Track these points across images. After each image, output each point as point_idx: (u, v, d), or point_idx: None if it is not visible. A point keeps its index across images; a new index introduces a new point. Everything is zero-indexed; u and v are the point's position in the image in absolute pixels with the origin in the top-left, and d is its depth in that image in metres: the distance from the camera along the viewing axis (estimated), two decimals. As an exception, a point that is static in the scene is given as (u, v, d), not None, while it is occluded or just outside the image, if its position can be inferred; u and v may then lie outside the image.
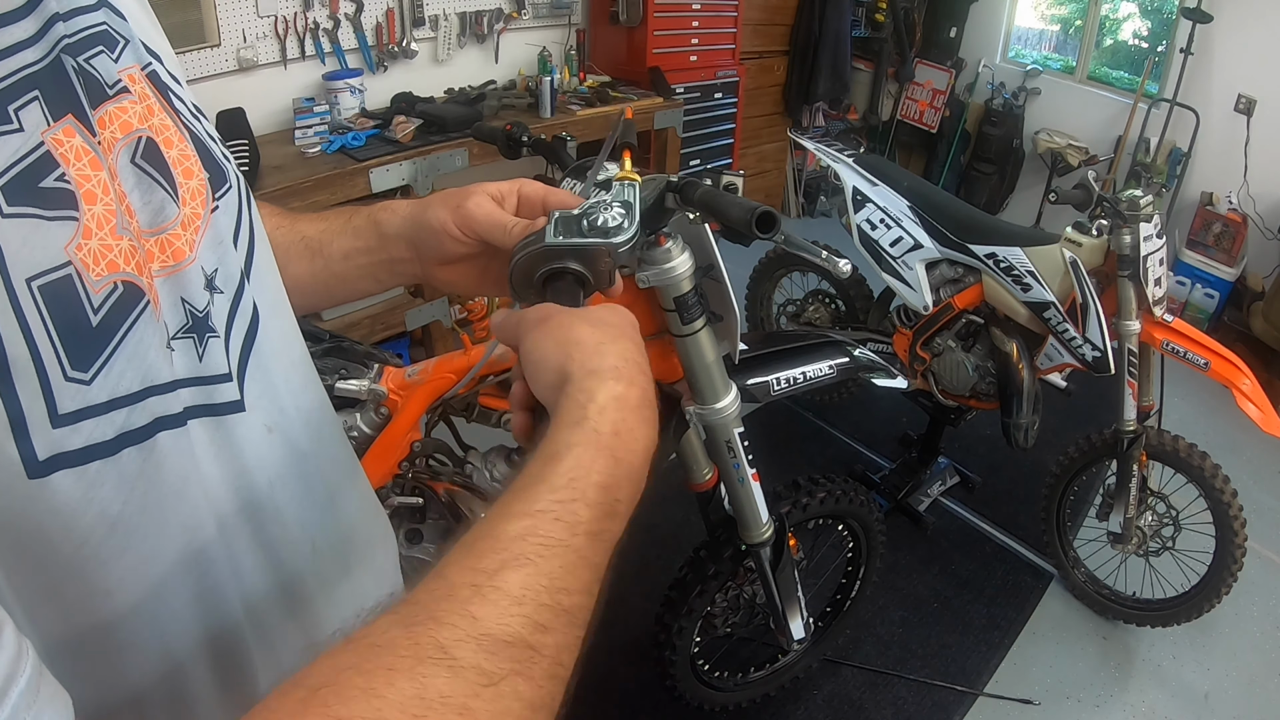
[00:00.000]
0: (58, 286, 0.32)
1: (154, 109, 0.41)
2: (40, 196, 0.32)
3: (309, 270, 0.63)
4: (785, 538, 1.35)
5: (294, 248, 0.63)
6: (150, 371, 0.36)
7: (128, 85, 0.39)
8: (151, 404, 0.36)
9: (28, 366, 0.31)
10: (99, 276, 0.33)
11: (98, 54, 0.38)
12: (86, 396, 0.33)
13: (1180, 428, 1.93)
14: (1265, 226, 3.50)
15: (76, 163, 0.34)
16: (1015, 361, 1.95)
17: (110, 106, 0.37)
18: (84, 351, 0.33)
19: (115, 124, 0.37)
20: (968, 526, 2.35)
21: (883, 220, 2.11)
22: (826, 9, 3.96)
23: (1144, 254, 1.71)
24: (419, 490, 1.23)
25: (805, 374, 1.30)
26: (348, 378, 1.21)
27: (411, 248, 0.61)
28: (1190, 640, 2.01)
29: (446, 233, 0.58)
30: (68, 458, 0.32)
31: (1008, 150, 4.34)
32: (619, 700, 1.77)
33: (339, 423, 0.60)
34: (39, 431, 0.31)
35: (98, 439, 0.33)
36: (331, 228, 0.63)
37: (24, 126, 0.32)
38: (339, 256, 0.63)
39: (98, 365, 0.33)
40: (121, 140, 0.37)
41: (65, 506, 0.32)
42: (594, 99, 3.10)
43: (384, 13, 2.77)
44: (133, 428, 0.35)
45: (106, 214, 0.34)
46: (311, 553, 0.50)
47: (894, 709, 1.81)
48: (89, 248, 0.33)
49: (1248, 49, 3.50)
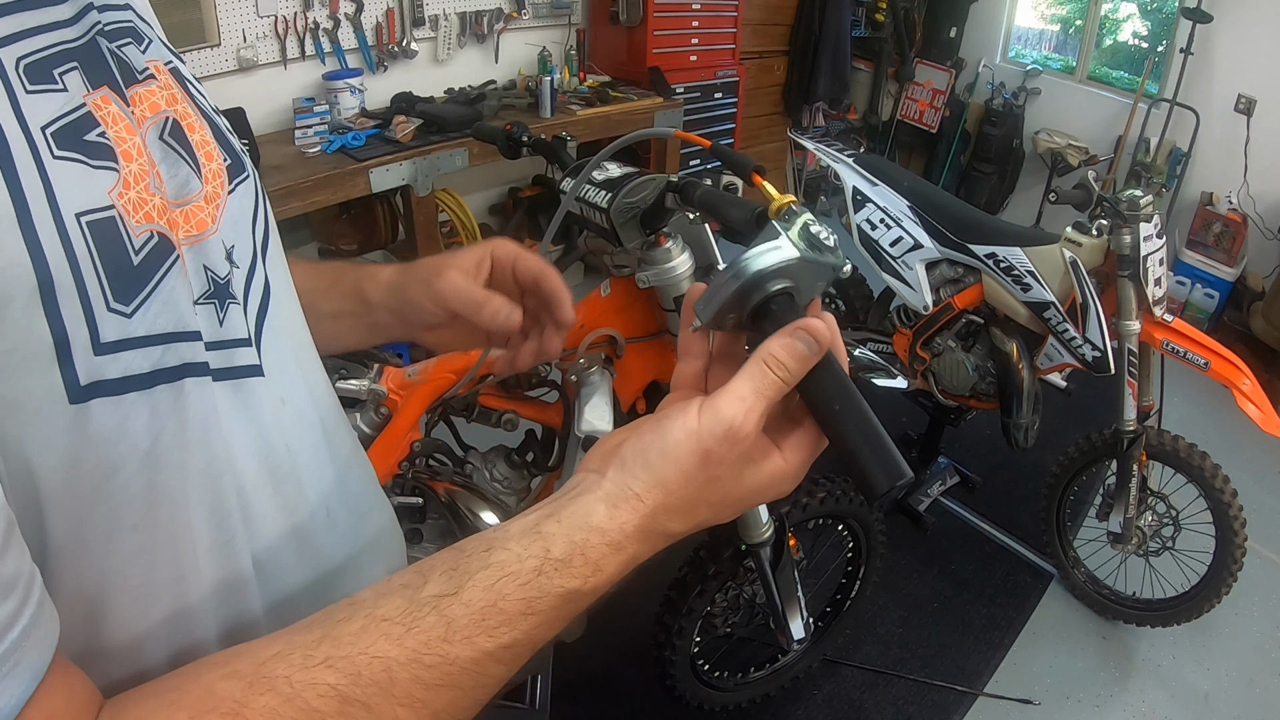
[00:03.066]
0: (103, 225, 0.34)
1: (177, 97, 0.43)
2: (85, 146, 0.34)
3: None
4: (785, 538, 1.35)
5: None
6: (182, 319, 0.38)
7: (154, 73, 0.42)
8: (182, 349, 0.37)
9: (72, 293, 0.32)
10: (138, 223, 0.36)
11: (127, 44, 0.41)
12: (127, 328, 0.34)
13: (1180, 428, 1.93)
14: (1265, 226, 3.50)
15: (114, 125, 0.36)
16: (1015, 361, 1.95)
17: (140, 89, 0.40)
18: (126, 287, 0.35)
19: (145, 104, 0.40)
20: (968, 526, 2.35)
21: (883, 220, 2.11)
22: (826, 9, 3.97)
23: (1144, 254, 1.71)
24: (419, 490, 1.23)
25: (805, 374, 1.30)
26: (348, 377, 1.21)
27: (394, 315, 0.64)
28: (1190, 640, 2.01)
29: (424, 308, 0.61)
30: (107, 385, 0.34)
31: (1008, 150, 4.34)
32: (619, 700, 1.77)
33: (342, 408, 0.62)
34: (82, 357, 0.33)
35: (135, 370, 0.35)
36: (319, 287, 0.65)
37: (68, 88, 0.35)
38: (327, 315, 0.65)
39: (137, 301, 0.35)
40: (151, 118, 0.40)
41: (100, 434, 0.34)
42: (594, 99, 3.10)
43: (384, 13, 2.77)
44: (166, 366, 0.36)
45: (141, 172, 0.37)
46: (327, 518, 0.51)
47: (894, 709, 1.81)
48: (129, 197, 0.36)
49: (1248, 49, 3.49)
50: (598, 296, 1.18)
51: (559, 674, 1.67)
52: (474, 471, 1.28)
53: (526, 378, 1.25)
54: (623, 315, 1.17)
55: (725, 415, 0.39)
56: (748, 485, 0.42)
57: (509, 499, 1.28)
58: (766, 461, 0.42)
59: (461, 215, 2.73)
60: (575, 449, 1.13)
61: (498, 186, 3.37)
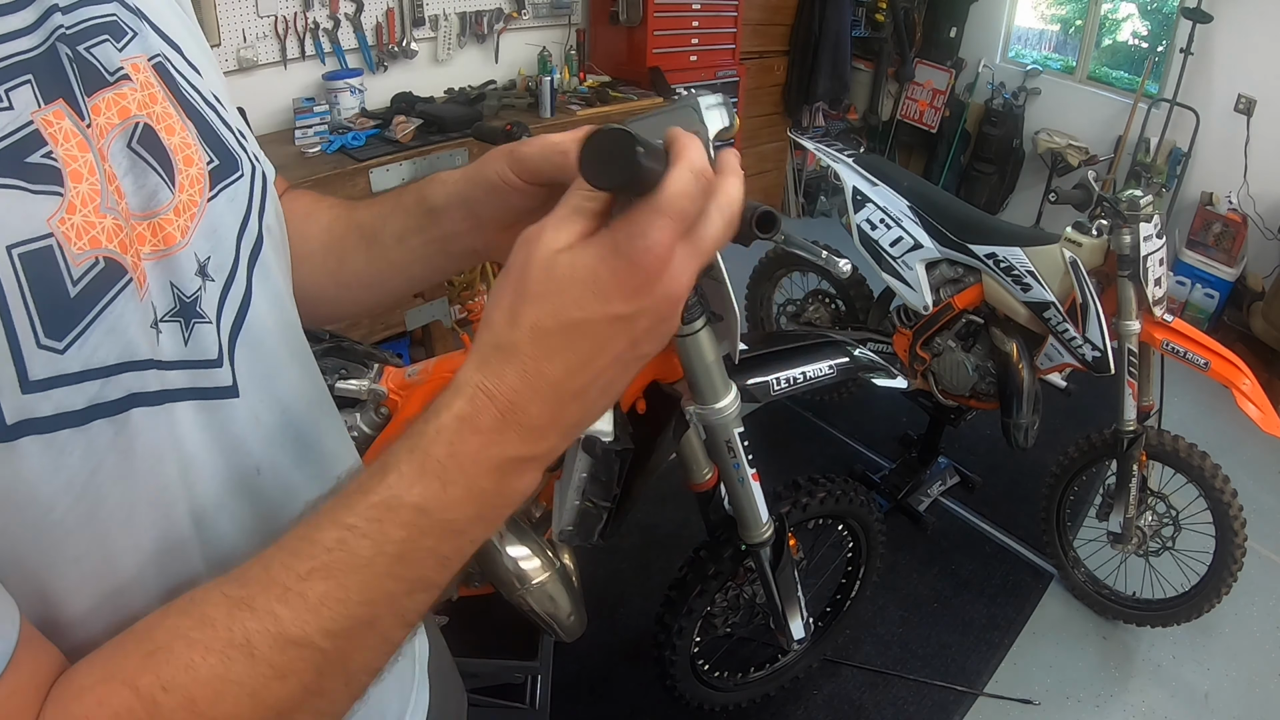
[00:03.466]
0: (37, 256, 0.32)
1: (156, 97, 0.41)
2: (26, 170, 0.33)
3: (366, 260, 0.60)
4: (785, 538, 1.35)
5: (349, 238, 0.60)
6: (129, 348, 0.36)
7: (130, 74, 0.40)
8: (127, 379, 0.36)
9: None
10: (80, 250, 0.34)
11: (100, 43, 0.39)
12: (58, 365, 0.33)
13: (1180, 428, 1.93)
14: (1265, 226, 3.50)
15: (65, 143, 0.35)
16: (1015, 361, 1.95)
17: (108, 93, 0.38)
18: (60, 321, 0.33)
19: (113, 109, 0.38)
20: (968, 526, 2.35)
21: (883, 220, 2.11)
22: (826, 9, 3.96)
23: (1144, 254, 1.71)
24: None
25: (805, 374, 1.30)
26: (348, 378, 1.21)
27: (469, 216, 0.54)
28: (1190, 640, 2.01)
29: (506, 183, 0.50)
30: (36, 424, 0.33)
31: (1008, 150, 4.34)
32: (619, 700, 1.77)
33: (340, 420, 0.59)
34: (7, 395, 0.31)
35: (67, 408, 0.34)
36: (384, 211, 0.59)
37: (14, 105, 0.33)
38: (393, 241, 0.58)
39: (73, 335, 0.34)
40: (119, 125, 0.38)
41: (32, 472, 0.33)
42: (594, 99, 3.10)
43: (384, 13, 2.77)
44: (105, 400, 0.35)
45: (91, 193, 0.35)
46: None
47: (894, 709, 1.81)
48: (72, 222, 0.34)
49: (1248, 49, 3.50)
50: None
51: (559, 674, 1.68)
52: (474, 471, 1.28)
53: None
54: (623, 315, 1.16)
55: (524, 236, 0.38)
56: (563, 273, 0.37)
57: (509, 499, 1.28)
58: (579, 245, 0.37)
59: (461, 215, 2.73)
60: (575, 449, 1.13)
61: (498, 186, 3.37)
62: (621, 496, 1.21)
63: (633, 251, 0.36)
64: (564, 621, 1.21)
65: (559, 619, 1.21)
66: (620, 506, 1.22)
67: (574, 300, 0.36)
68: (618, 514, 1.23)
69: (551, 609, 1.19)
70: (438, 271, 0.60)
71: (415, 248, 0.57)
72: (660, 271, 0.37)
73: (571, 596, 1.21)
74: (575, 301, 0.36)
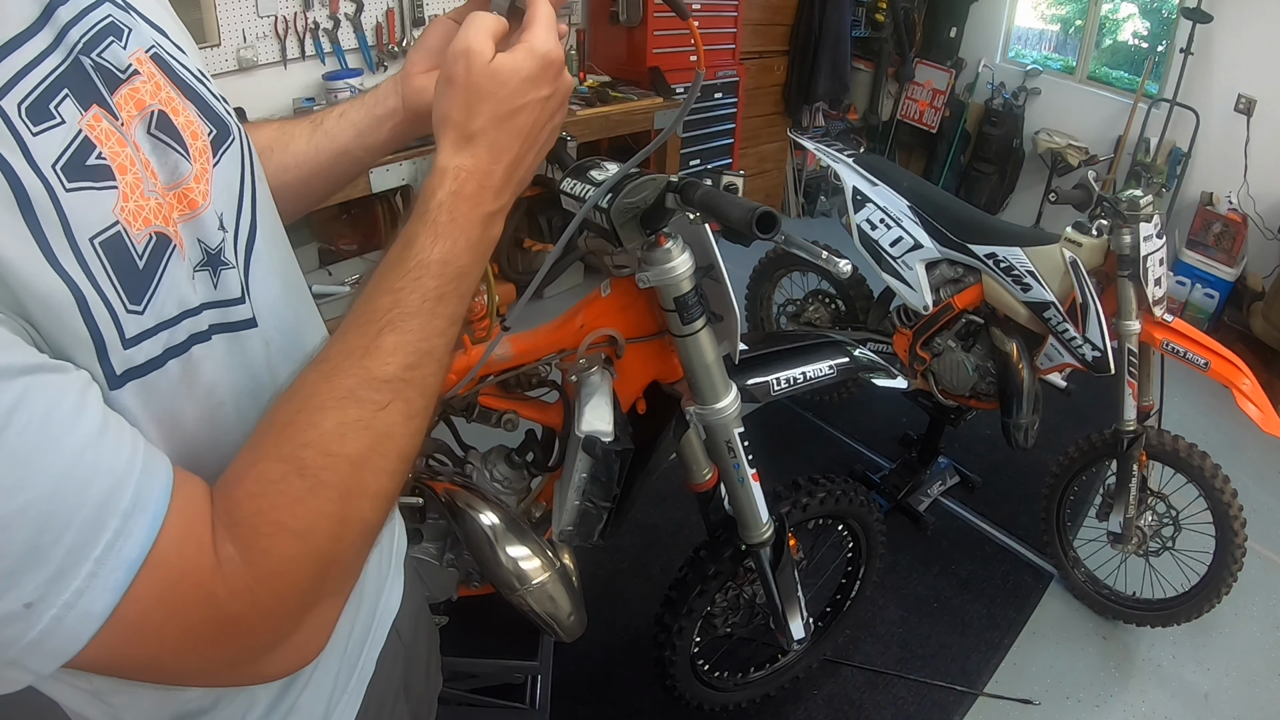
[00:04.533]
0: (112, 242, 0.40)
1: (161, 84, 0.48)
2: (90, 172, 0.40)
3: (308, 142, 0.72)
4: (785, 538, 1.35)
5: (298, 127, 0.72)
6: (183, 300, 0.45)
7: (137, 68, 0.47)
8: (186, 324, 0.45)
9: (100, 303, 0.39)
10: (139, 230, 0.42)
11: (109, 46, 0.45)
12: (141, 323, 0.42)
13: (1180, 428, 1.93)
14: (1265, 226, 3.50)
15: (107, 142, 0.42)
16: (1015, 361, 1.95)
17: (125, 89, 0.45)
18: (136, 288, 0.41)
19: (131, 103, 0.45)
20: (968, 526, 2.35)
21: (883, 220, 2.11)
22: (826, 9, 3.96)
23: (1144, 254, 1.71)
24: (419, 490, 1.23)
25: (805, 374, 1.30)
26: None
27: (394, 81, 0.70)
28: (1190, 640, 2.01)
29: (435, 23, 0.68)
30: (135, 371, 0.41)
31: (1008, 150, 4.34)
32: (619, 700, 1.77)
33: (311, 302, 0.66)
34: (115, 353, 0.40)
35: (152, 355, 0.42)
36: (341, 104, 0.73)
37: (65, 119, 0.40)
38: (334, 118, 0.72)
39: (146, 298, 0.42)
40: (138, 115, 0.45)
41: (130, 410, 0.41)
42: (594, 99, 3.10)
43: (384, 13, 2.77)
44: (174, 344, 0.44)
45: (136, 181, 0.43)
46: None
47: (894, 709, 1.81)
48: (128, 208, 0.42)
49: (1248, 49, 3.50)
50: (598, 296, 1.17)
51: (559, 674, 1.68)
52: (474, 471, 1.28)
53: (527, 378, 1.25)
54: (623, 315, 1.17)
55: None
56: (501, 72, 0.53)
57: (509, 499, 1.28)
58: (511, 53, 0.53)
59: (461, 215, 2.73)
60: (575, 449, 1.13)
61: (498, 186, 3.37)
62: (621, 496, 1.21)
63: (546, 51, 0.53)
64: (564, 621, 1.21)
65: (559, 619, 1.21)
66: (620, 506, 1.22)
67: (516, 90, 0.53)
68: (618, 514, 1.23)
69: (551, 609, 1.19)
70: (363, 138, 0.72)
71: (350, 117, 0.72)
72: (563, 61, 0.55)
73: (571, 596, 1.21)
74: (517, 91, 0.53)
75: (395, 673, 0.72)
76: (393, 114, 0.71)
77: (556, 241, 0.86)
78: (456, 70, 0.52)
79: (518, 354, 1.20)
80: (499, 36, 0.54)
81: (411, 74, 0.69)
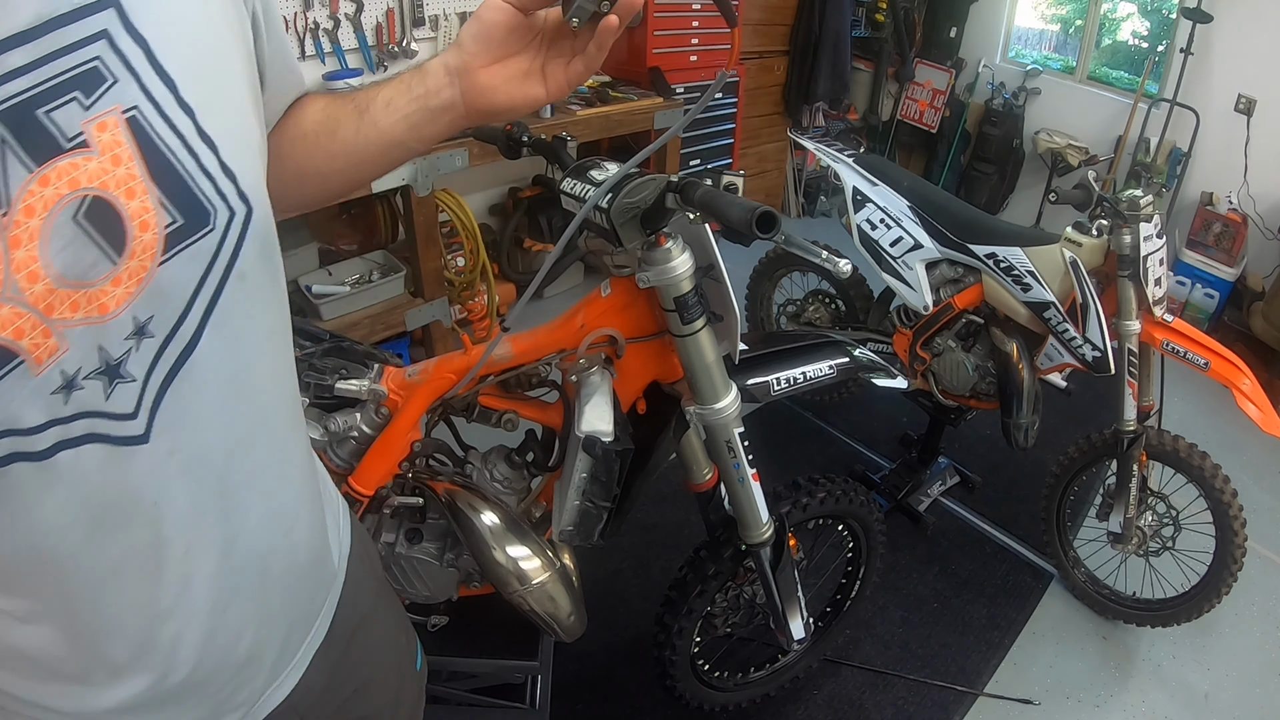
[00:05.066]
0: None
1: (120, 158, 0.41)
2: None
3: (355, 128, 0.68)
4: (785, 538, 1.35)
5: (343, 111, 0.68)
6: (13, 419, 0.40)
7: (89, 138, 0.40)
8: (6, 443, 0.40)
9: None
10: None
11: (65, 103, 0.39)
12: None
13: (1180, 428, 1.93)
14: (1265, 226, 3.50)
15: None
16: (1015, 361, 1.95)
17: (62, 161, 0.39)
18: None
19: (64, 179, 0.39)
20: (968, 526, 2.35)
21: (883, 220, 2.11)
22: (826, 9, 3.96)
23: (1144, 254, 1.71)
24: (419, 490, 1.23)
25: (805, 374, 1.30)
26: (348, 378, 1.21)
27: (449, 72, 0.65)
28: (1190, 640, 2.02)
29: (488, 19, 0.63)
30: None
31: (1008, 150, 4.34)
32: (619, 700, 1.77)
33: (294, 449, 0.62)
34: None
35: None
36: (383, 85, 0.68)
37: None
38: (381, 106, 0.67)
39: None
40: (67, 196, 0.39)
41: None
42: (594, 99, 3.10)
43: (384, 13, 2.77)
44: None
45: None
46: (222, 559, 0.54)
47: (894, 709, 1.81)
48: None
49: (1248, 49, 3.49)
50: (598, 296, 1.18)
51: (559, 674, 1.68)
52: (474, 471, 1.28)
53: (527, 378, 1.25)
54: (623, 315, 1.17)
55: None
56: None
57: (509, 499, 1.28)
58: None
59: (461, 215, 2.73)
60: (575, 449, 1.13)
61: (498, 186, 3.37)
62: (621, 496, 1.21)
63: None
64: (564, 621, 1.21)
65: (559, 619, 1.21)
66: (620, 506, 1.22)
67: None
68: (618, 514, 1.23)
69: (551, 609, 1.19)
70: (417, 130, 0.68)
71: (400, 107, 0.66)
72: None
73: (571, 596, 1.21)
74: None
75: None
76: (450, 108, 0.67)
77: (557, 241, 0.86)
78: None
79: (518, 354, 1.20)
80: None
81: (473, 68, 0.65)
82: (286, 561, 0.60)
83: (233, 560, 0.54)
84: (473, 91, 0.65)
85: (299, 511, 0.62)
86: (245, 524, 0.55)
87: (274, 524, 0.59)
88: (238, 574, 0.55)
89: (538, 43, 0.66)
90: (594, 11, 0.60)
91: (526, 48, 0.66)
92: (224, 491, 0.52)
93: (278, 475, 0.59)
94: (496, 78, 0.65)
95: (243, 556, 0.55)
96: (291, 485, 0.61)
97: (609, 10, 0.60)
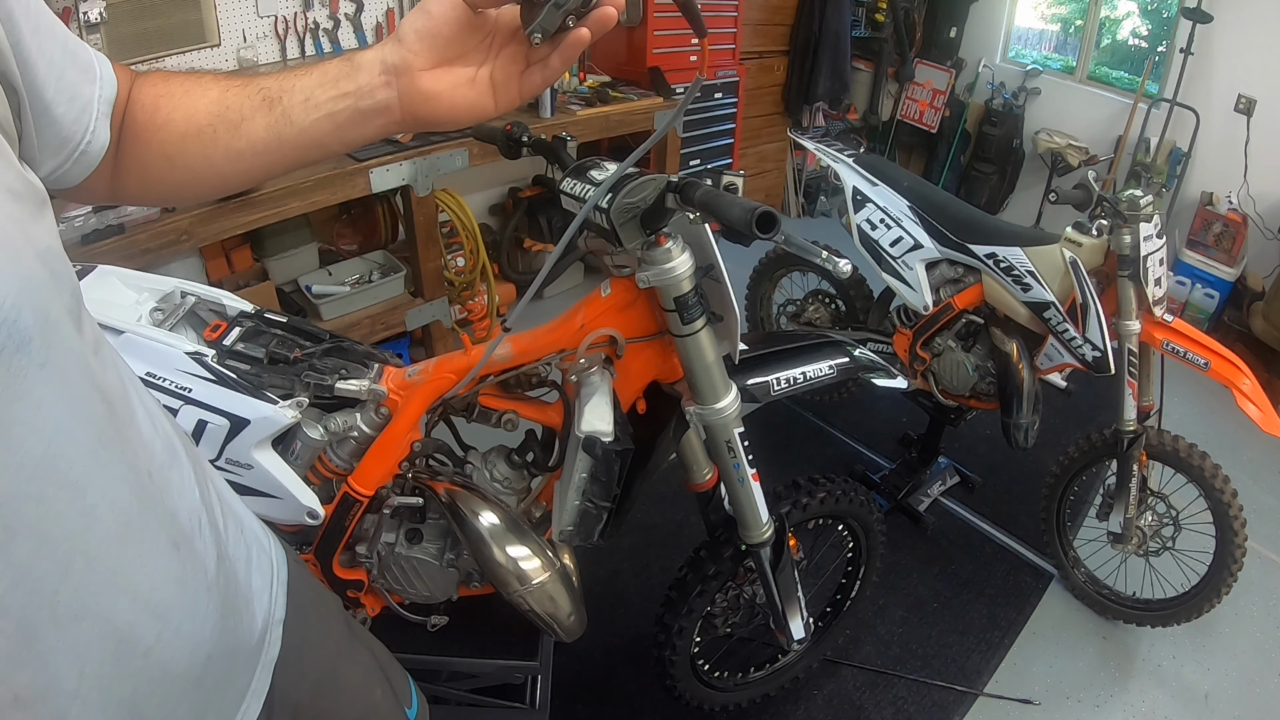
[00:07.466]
0: None
1: None
2: None
3: (264, 126, 0.59)
4: (785, 538, 1.35)
5: (248, 104, 0.60)
6: None
7: None
8: None
9: None
10: None
11: None
12: None
13: (1180, 428, 1.93)
14: (1265, 226, 3.50)
15: None
16: (1015, 361, 1.95)
17: None
18: None
19: None
20: (968, 526, 2.35)
21: (883, 220, 2.11)
22: (826, 9, 3.97)
23: (1144, 254, 1.71)
24: (419, 490, 1.23)
25: (805, 374, 1.30)
26: (348, 378, 1.21)
27: (386, 70, 0.58)
28: (1190, 640, 2.02)
29: (428, 21, 0.57)
30: None
31: (1008, 150, 4.34)
32: (619, 700, 1.77)
33: (153, 542, 0.49)
34: None
35: None
36: (297, 73, 0.60)
37: None
38: (299, 101, 0.59)
39: None
40: None
41: None
42: (594, 99, 3.10)
43: (384, 13, 2.78)
44: None
45: None
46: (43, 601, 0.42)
47: (894, 709, 1.81)
48: None
49: (1248, 49, 3.50)
50: (598, 296, 1.17)
51: (559, 674, 1.67)
52: (474, 471, 1.28)
53: (527, 378, 1.25)
54: (623, 315, 1.17)
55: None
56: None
57: (509, 499, 1.28)
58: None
59: (461, 215, 2.73)
60: (575, 449, 1.13)
61: (498, 186, 3.37)
62: (621, 496, 1.21)
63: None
64: (564, 621, 1.21)
65: (559, 619, 1.21)
66: (620, 506, 1.22)
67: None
68: (618, 514, 1.23)
69: (551, 609, 1.19)
70: (342, 132, 0.60)
71: (322, 104, 0.59)
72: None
73: (571, 596, 1.21)
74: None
75: None
76: (384, 112, 0.59)
77: (556, 241, 0.86)
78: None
79: (518, 354, 1.20)
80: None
81: (414, 69, 0.58)
82: (160, 672, 0.48)
83: (76, 708, 0.42)
84: (412, 96, 0.58)
85: (168, 613, 0.49)
86: (84, 662, 0.43)
87: (126, 647, 0.46)
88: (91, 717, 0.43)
89: (488, 45, 0.59)
90: (560, 26, 0.55)
91: (475, 49, 0.59)
92: (33, 639, 0.40)
93: (123, 587, 0.45)
94: (440, 83, 0.59)
95: (89, 698, 0.43)
96: (154, 588, 0.48)
97: (575, 25, 0.55)
